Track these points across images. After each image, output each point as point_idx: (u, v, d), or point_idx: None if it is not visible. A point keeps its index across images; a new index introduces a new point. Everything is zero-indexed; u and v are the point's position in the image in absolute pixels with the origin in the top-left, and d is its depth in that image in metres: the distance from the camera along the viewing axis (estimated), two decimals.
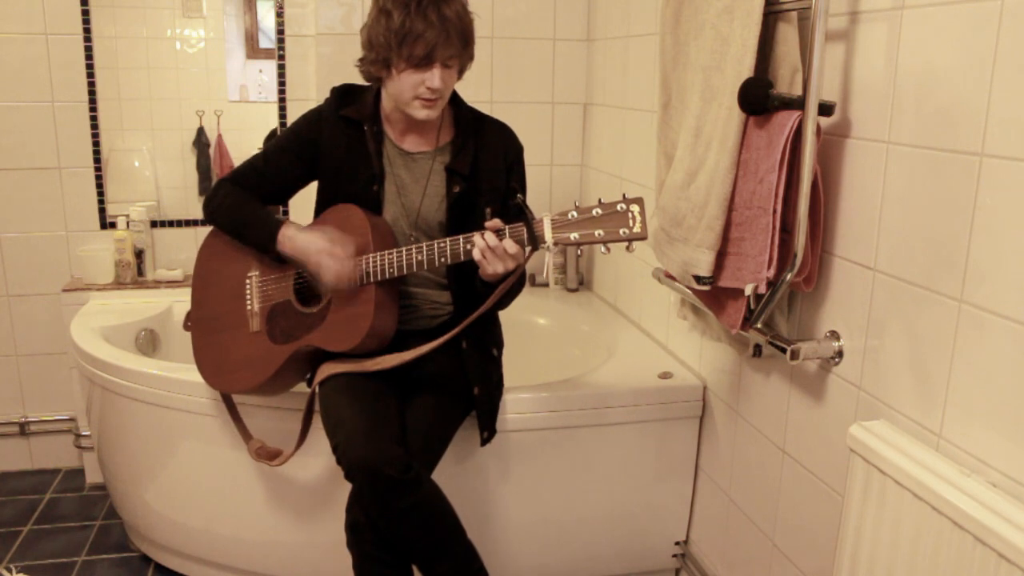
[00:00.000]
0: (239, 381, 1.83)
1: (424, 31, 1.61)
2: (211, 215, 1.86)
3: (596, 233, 1.53)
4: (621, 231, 1.52)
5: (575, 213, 1.54)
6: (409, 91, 1.68)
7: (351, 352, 1.72)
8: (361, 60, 1.74)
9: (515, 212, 1.58)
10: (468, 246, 1.61)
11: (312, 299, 1.80)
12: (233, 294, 1.86)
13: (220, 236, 1.89)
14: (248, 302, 1.84)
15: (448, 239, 1.64)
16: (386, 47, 1.66)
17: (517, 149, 1.86)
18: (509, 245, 1.57)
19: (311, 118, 1.84)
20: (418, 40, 1.62)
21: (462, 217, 1.78)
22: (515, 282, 1.69)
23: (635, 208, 1.52)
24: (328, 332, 1.74)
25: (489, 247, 1.57)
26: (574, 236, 1.54)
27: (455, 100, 1.84)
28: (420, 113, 1.71)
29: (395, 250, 1.68)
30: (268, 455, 1.88)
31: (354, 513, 1.65)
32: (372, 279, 1.69)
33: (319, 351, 1.76)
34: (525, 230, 1.56)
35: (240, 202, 1.82)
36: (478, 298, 1.71)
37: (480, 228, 1.60)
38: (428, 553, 1.67)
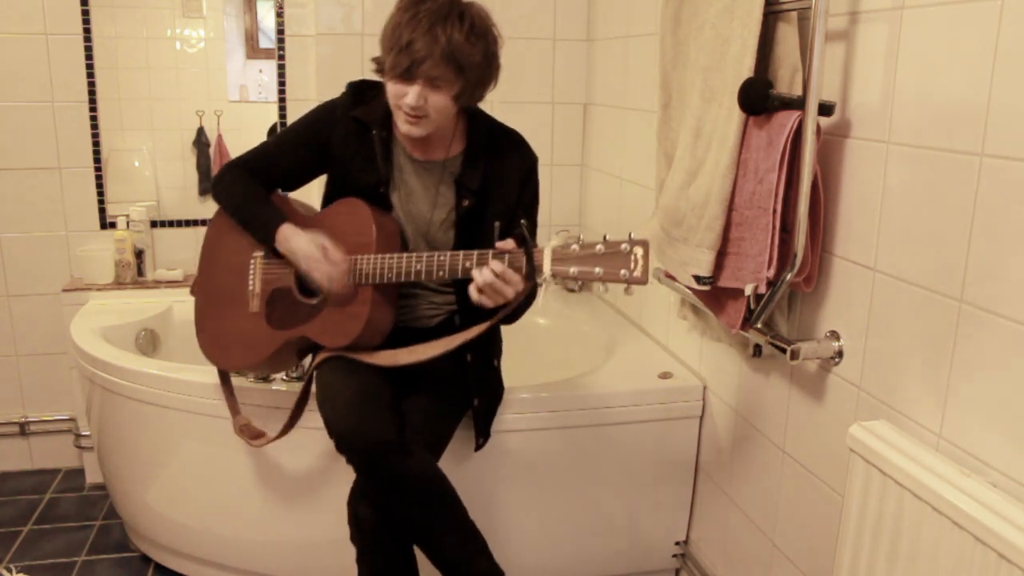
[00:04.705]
0: (233, 358, 1.85)
1: (411, 42, 1.55)
2: (217, 197, 1.87)
3: (595, 271, 1.47)
4: (621, 272, 1.46)
5: (577, 247, 1.49)
6: (393, 100, 1.63)
7: (346, 348, 1.73)
8: (375, 57, 1.70)
9: (518, 240, 1.54)
10: (467, 263, 1.57)
11: (313, 289, 1.80)
12: (237, 271, 1.87)
13: None
14: (251, 282, 1.85)
15: (449, 253, 1.60)
16: (384, 48, 1.63)
17: (531, 162, 1.80)
18: (510, 278, 1.52)
19: (325, 114, 1.80)
20: (403, 52, 1.56)
21: (470, 231, 1.76)
22: (523, 302, 1.67)
23: (639, 251, 1.45)
24: (323, 326, 1.74)
25: (487, 283, 1.52)
26: (573, 271, 1.49)
27: (471, 110, 1.78)
28: (402, 126, 1.64)
29: (395, 255, 1.66)
30: (251, 434, 1.88)
31: (356, 507, 1.66)
32: (369, 280, 1.68)
33: (315, 344, 1.77)
34: (524, 260, 1.52)
35: (245, 191, 1.81)
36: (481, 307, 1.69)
37: (488, 244, 1.57)
38: (426, 526, 1.64)
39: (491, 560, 1.68)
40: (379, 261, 1.67)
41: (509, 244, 1.54)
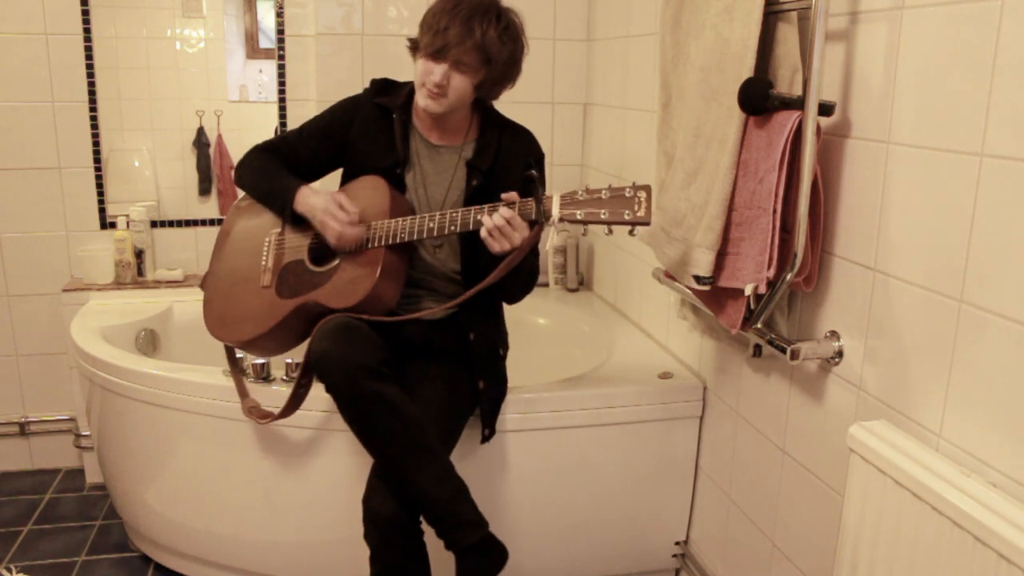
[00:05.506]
0: (240, 331, 1.87)
1: (446, 28, 1.69)
2: (240, 177, 1.96)
3: (601, 214, 1.58)
4: (625, 214, 1.56)
5: (584, 193, 1.60)
6: (420, 77, 1.77)
7: (351, 310, 1.76)
8: (411, 37, 1.83)
9: (527, 185, 1.66)
10: (478, 216, 1.67)
11: (325, 260, 1.85)
12: (251, 251, 1.94)
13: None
14: (264, 258, 1.91)
15: (461, 209, 1.70)
16: (421, 30, 1.77)
17: (538, 155, 1.93)
18: (517, 224, 1.63)
19: (347, 103, 1.93)
20: (438, 34, 1.70)
21: None
22: (526, 268, 1.77)
23: (642, 194, 1.56)
24: (332, 289, 1.79)
25: (496, 227, 1.63)
26: (580, 214, 1.59)
27: (486, 107, 1.92)
28: (422, 101, 1.77)
29: (408, 217, 1.76)
30: (260, 415, 1.90)
31: (372, 503, 1.66)
32: (383, 242, 1.76)
33: (322, 312, 1.78)
34: (534, 204, 1.62)
35: (268, 166, 1.92)
36: (489, 287, 1.75)
37: None
38: (406, 457, 1.63)
39: (475, 509, 1.67)
40: (394, 223, 1.76)
41: (515, 196, 1.66)
